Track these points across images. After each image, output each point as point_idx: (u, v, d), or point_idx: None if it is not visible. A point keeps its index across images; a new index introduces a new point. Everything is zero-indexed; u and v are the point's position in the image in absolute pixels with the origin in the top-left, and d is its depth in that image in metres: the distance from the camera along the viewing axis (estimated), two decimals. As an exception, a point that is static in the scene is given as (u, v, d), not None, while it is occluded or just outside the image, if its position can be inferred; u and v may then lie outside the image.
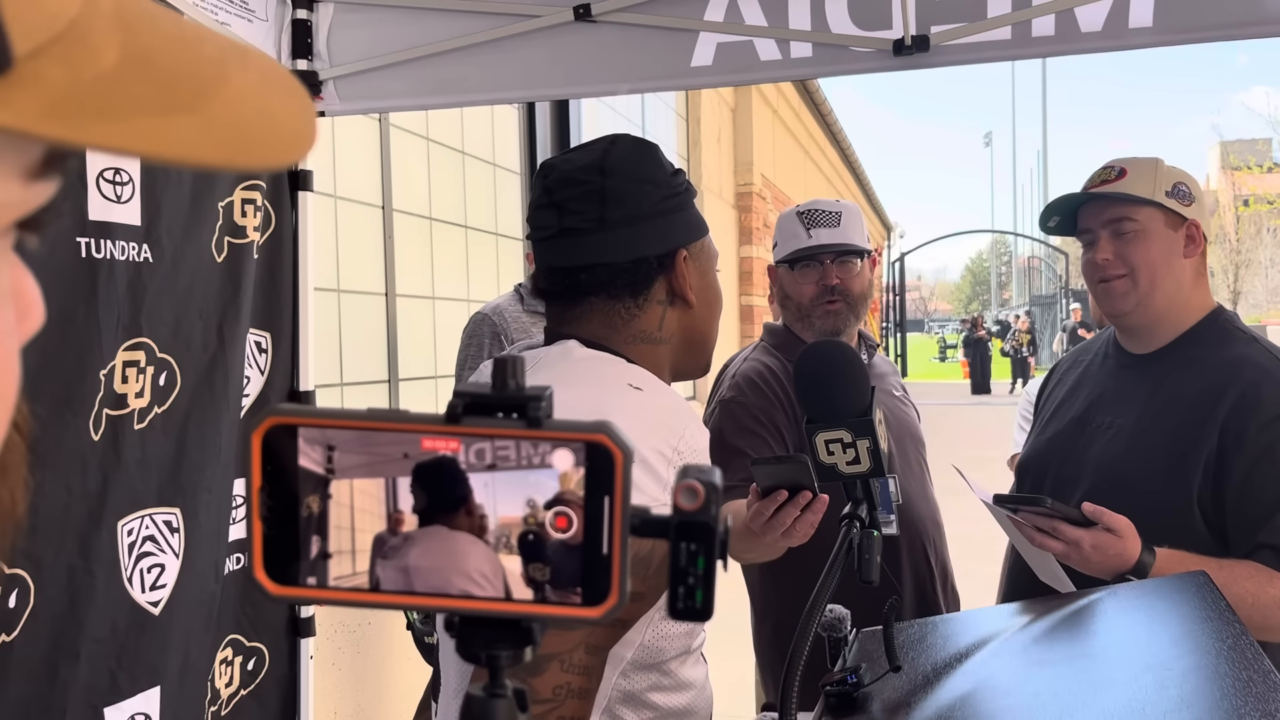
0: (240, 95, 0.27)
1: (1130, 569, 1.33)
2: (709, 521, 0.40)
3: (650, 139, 1.14)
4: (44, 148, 0.26)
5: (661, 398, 1.01)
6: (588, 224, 1.04)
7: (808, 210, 1.93)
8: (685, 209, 1.10)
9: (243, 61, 0.28)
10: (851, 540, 0.97)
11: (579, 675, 0.86)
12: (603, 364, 1.04)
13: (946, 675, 1.07)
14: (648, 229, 1.05)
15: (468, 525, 0.39)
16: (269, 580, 0.39)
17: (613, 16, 2.11)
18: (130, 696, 1.67)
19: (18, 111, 0.23)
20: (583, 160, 1.07)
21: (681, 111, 7.93)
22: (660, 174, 1.08)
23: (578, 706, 0.86)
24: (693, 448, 0.96)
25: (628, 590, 0.39)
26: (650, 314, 1.08)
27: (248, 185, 2.03)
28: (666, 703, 1.00)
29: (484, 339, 2.64)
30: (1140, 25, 1.91)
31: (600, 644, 0.88)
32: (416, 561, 0.39)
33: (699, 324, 1.12)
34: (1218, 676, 0.92)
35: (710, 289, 1.13)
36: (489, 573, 0.39)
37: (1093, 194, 1.56)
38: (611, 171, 1.05)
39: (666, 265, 1.07)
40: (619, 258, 1.05)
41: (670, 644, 0.98)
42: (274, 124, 0.28)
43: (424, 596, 0.39)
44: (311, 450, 0.39)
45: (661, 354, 1.09)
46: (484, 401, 0.39)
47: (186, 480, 1.82)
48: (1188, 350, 1.52)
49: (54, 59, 0.24)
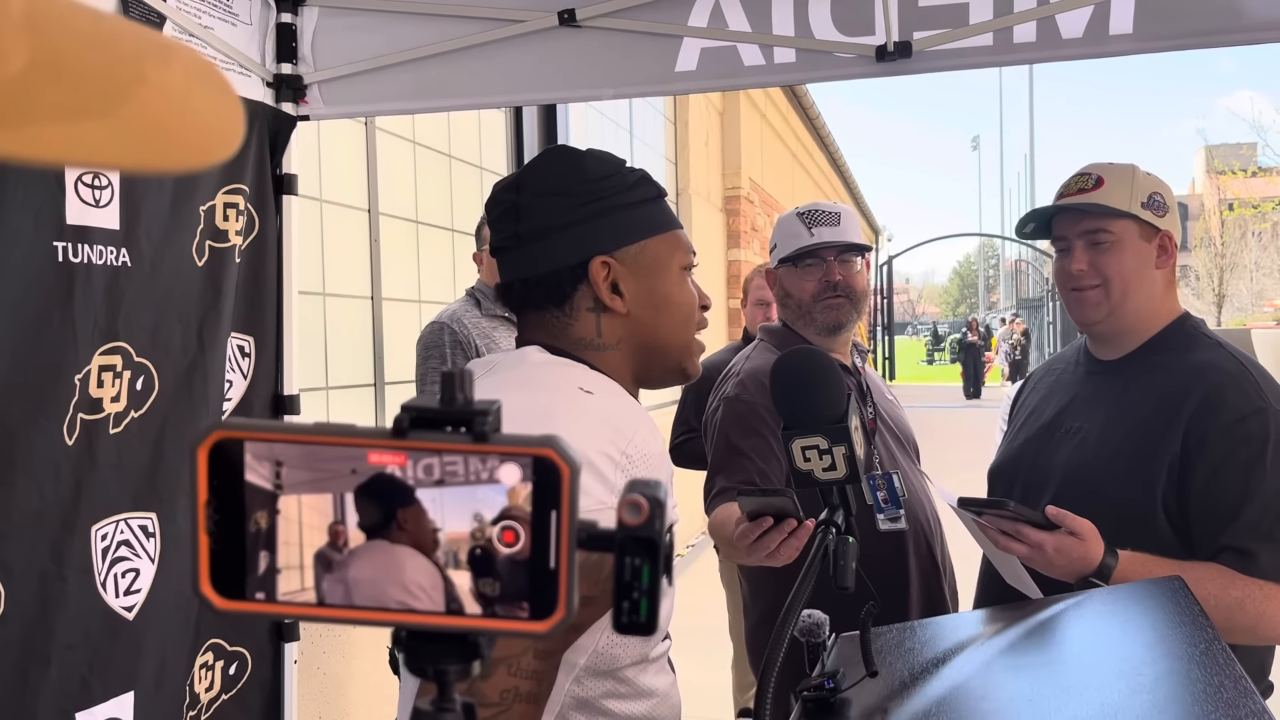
0: (158, 95, 0.27)
1: (1093, 571, 1.34)
2: (653, 536, 0.40)
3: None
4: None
5: (612, 400, 1.00)
6: (507, 241, 1.08)
7: (808, 211, 1.96)
8: (610, 214, 1.06)
9: (164, 59, 0.28)
10: (827, 547, 0.97)
11: (527, 680, 0.85)
12: (557, 368, 1.04)
13: (923, 680, 1.07)
14: (559, 240, 1.05)
15: (415, 541, 0.39)
16: (215, 595, 0.39)
17: (597, 22, 2.11)
18: (103, 701, 1.66)
19: None
20: (509, 180, 1.10)
21: (670, 115, 7.93)
22: (575, 183, 1.05)
23: (525, 711, 0.85)
24: (642, 451, 0.95)
25: (575, 604, 0.39)
26: (583, 322, 1.07)
27: (230, 189, 2.02)
28: (624, 710, 0.99)
29: (445, 348, 2.55)
30: (1121, 32, 1.93)
31: (551, 649, 0.88)
32: (357, 575, 0.39)
33: (646, 328, 1.08)
34: (1190, 682, 0.93)
35: (654, 293, 1.08)
36: (427, 585, 0.39)
37: (1068, 205, 1.57)
38: (525, 187, 1.07)
39: (580, 274, 1.06)
40: (531, 272, 1.06)
41: (625, 651, 0.97)
42: (196, 123, 0.28)
43: (366, 610, 0.39)
44: (259, 465, 0.38)
45: (611, 360, 1.08)
46: (430, 416, 0.39)
47: (164, 485, 1.81)
48: (1154, 355, 1.54)
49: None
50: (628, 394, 1.06)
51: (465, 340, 2.56)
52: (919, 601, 1.82)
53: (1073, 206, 1.56)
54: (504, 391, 0.95)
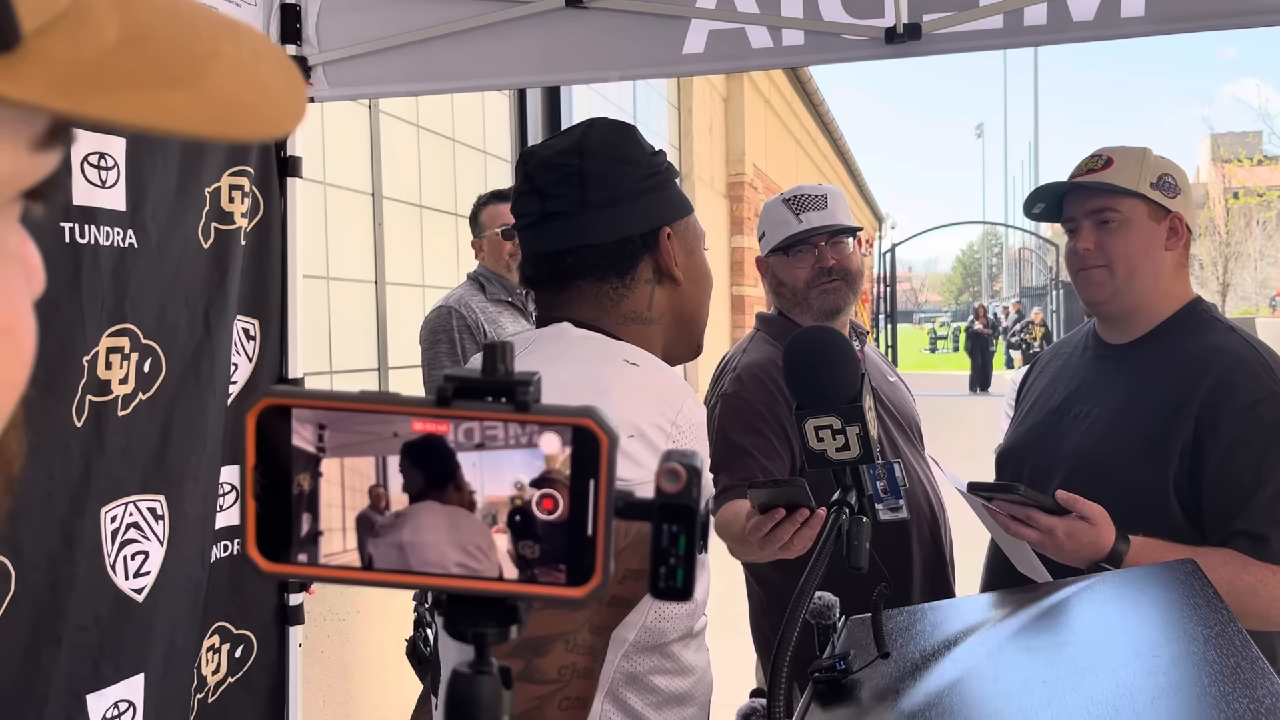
0: (232, 69, 0.29)
1: (1105, 557, 1.34)
2: (690, 504, 0.40)
3: (643, 127, 1.14)
4: (49, 120, 0.27)
5: (658, 373, 1.01)
6: (569, 207, 1.05)
7: (793, 196, 1.93)
8: (667, 188, 1.10)
9: (234, 37, 0.30)
10: (841, 527, 0.97)
11: (584, 655, 0.86)
12: (597, 343, 1.04)
13: (935, 662, 1.08)
14: (630, 208, 1.06)
15: (457, 502, 0.39)
16: (261, 557, 0.39)
17: (604, 3, 2.09)
18: (113, 684, 1.66)
19: (26, 85, 0.24)
20: (561, 145, 1.08)
21: (673, 100, 7.90)
22: (639, 154, 1.08)
23: (583, 686, 0.86)
24: (690, 422, 0.96)
25: (611, 571, 0.39)
26: (638, 293, 1.08)
27: (235, 171, 2.01)
28: (669, 686, 1.00)
29: (454, 332, 2.56)
30: (1132, 15, 1.91)
31: (604, 624, 0.89)
32: (410, 538, 0.39)
33: (688, 302, 1.12)
34: (1205, 663, 0.93)
35: (698, 267, 1.13)
36: (484, 545, 0.39)
37: (1077, 183, 1.57)
38: (590, 153, 1.05)
39: (651, 243, 1.07)
40: (603, 239, 1.05)
41: (672, 625, 0.98)
42: (265, 97, 0.30)
43: (417, 575, 0.39)
44: (303, 429, 0.39)
45: (652, 334, 1.09)
46: (474, 385, 0.39)
47: (172, 467, 1.80)
48: (1165, 339, 1.53)
49: (58, 36, 0.25)
50: (666, 366, 1.06)
51: (474, 324, 2.57)
52: (922, 589, 1.81)
53: (1081, 185, 1.56)
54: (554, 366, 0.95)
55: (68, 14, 0.26)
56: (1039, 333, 19.34)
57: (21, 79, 0.24)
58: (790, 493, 1.19)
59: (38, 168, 0.28)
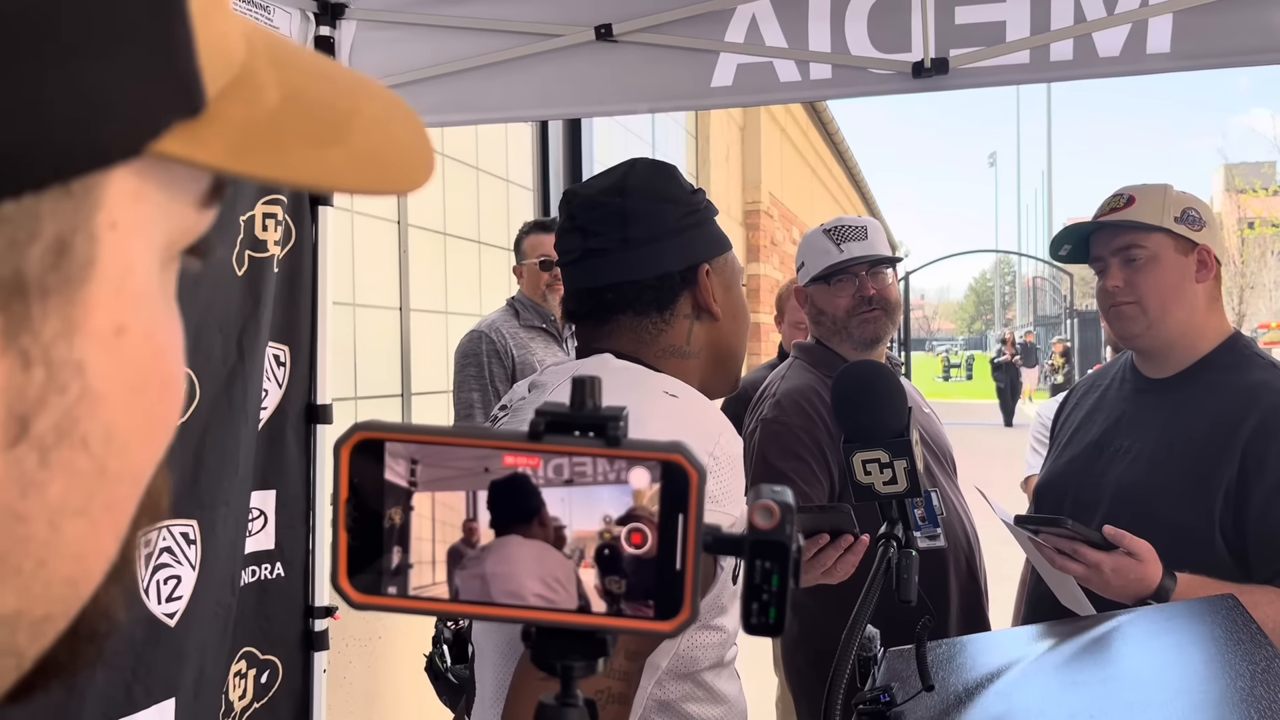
0: (371, 125, 0.29)
1: (1151, 594, 1.33)
2: (784, 540, 0.40)
3: (661, 156, 1.17)
4: (212, 178, 0.28)
5: (696, 405, 1.02)
6: (611, 244, 1.08)
7: (835, 227, 1.96)
8: (705, 225, 1.13)
9: (368, 93, 0.31)
10: (890, 560, 0.97)
11: (619, 680, 0.86)
12: (637, 373, 1.05)
13: (979, 695, 1.07)
14: (670, 245, 1.08)
15: (543, 537, 0.40)
16: (352, 589, 0.39)
17: (634, 36, 2.12)
18: (145, 708, 1.67)
19: (210, 148, 0.25)
20: (603, 184, 1.11)
21: (691, 130, 7.97)
22: (679, 192, 1.11)
23: (618, 712, 0.86)
24: (728, 453, 0.97)
25: (699, 606, 0.40)
26: (677, 328, 1.10)
27: (269, 200, 2.04)
28: (701, 713, 1.00)
29: (483, 356, 2.61)
30: (1158, 50, 1.92)
31: (639, 650, 0.89)
32: (493, 569, 0.40)
33: (726, 338, 1.14)
34: (1253, 699, 0.92)
35: (735, 302, 1.15)
36: (564, 579, 0.40)
37: (1102, 222, 1.58)
38: (631, 192, 1.08)
39: (690, 280, 1.09)
40: (643, 274, 1.08)
41: (704, 654, 0.98)
42: (402, 151, 0.30)
43: (498, 606, 0.39)
44: (396, 464, 0.39)
45: (690, 368, 1.11)
46: (564, 420, 0.40)
47: (205, 492, 1.82)
48: (1206, 375, 1.53)
49: (233, 99, 0.26)
50: (704, 398, 1.07)
51: (503, 349, 2.60)
52: (959, 619, 1.80)
53: (1106, 224, 1.57)
54: None
55: (239, 77, 0.27)
56: (1061, 363, 18.24)
57: (205, 142, 0.25)
58: (834, 518, 1.19)
59: (201, 224, 0.29)
